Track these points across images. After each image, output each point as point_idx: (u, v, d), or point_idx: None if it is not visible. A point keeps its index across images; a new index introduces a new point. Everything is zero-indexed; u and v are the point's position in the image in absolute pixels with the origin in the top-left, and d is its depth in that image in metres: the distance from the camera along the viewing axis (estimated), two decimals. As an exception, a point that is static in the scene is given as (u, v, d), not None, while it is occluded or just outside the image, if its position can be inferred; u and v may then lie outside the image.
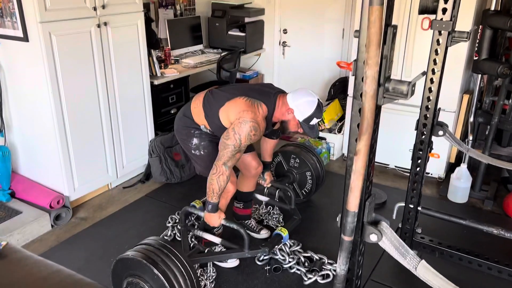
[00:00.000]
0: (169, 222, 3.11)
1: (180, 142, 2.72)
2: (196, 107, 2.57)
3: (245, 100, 2.40)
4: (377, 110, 1.38)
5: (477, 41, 3.39)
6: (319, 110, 2.41)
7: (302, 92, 2.45)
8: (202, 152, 2.59)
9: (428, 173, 3.80)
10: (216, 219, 2.48)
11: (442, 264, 2.55)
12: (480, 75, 3.47)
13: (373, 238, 1.46)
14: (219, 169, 2.35)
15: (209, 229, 2.68)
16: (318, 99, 2.43)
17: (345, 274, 1.49)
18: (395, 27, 1.29)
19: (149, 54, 3.68)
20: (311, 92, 2.46)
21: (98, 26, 3.09)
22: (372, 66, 1.18)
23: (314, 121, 2.43)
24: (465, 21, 3.18)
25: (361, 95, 1.27)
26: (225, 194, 2.62)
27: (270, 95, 2.47)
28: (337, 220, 1.52)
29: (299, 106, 2.40)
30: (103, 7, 3.10)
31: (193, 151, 2.62)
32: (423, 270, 1.46)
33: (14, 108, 3.18)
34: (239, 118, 2.33)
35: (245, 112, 2.34)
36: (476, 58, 3.32)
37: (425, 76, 2.26)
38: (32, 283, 1.04)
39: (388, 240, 1.45)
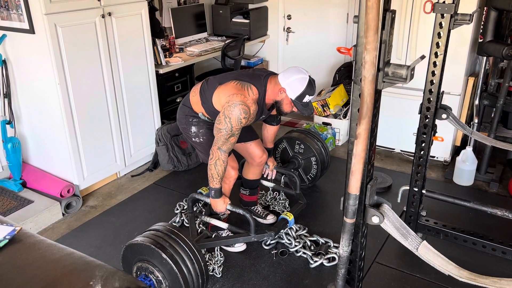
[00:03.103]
0: (177, 209, 3.17)
1: (182, 131, 2.76)
2: (194, 95, 2.62)
3: (235, 83, 2.43)
4: (377, 94, 1.40)
5: (482, 23, 3.37)
6: (310, 86, 2.40)
7: (293, 70, 2.44)
8: (201, 139, 2.64)
9: (434, 157, 3.81)
10: (221, 204, 2.53)
11: (447, 246, 2.60)
12: (485, 57, 3.45)
13: (375, 220, 1.49)
14: (215, 154, 2.39)
15: (214, 214, 2.74)
16: (310, 76, 2.42)
17: (348, 256, 1.53)
18: (394, 12, 1.31)
19: (154, 43, 3.70)
20: (302, 69, 2.45)
21: (103, 16, 3.12)
22: (370, 51, 1.19)
23: (307, 98, 2.42)
24: (470, 3, 3.16)
25: (360, 80, 1.29)
26: (227, 179, 2.67)
27: (261, 77, 2.48)
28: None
29: (290, 85, 2.39)
30: (107, -3, 3.12)
31: (193, 139, 2.67)
32: (425, 251, 1.49)
33: (23, 100, 3.23)
34: (228, 102, 2.35)
35: (234, 96, 2.36)
36: (481, 40, 3.30)
37: (427, 59, 2.26)
38: (45, 264, 1.09)
39: (390, 222, 1.48)
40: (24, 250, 1.13)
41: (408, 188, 2.64)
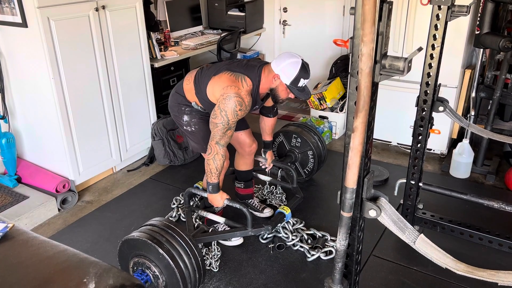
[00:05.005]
0: (174, 204, 3.16)
1: (173, 118, 2.74)
2: (188, 83, 2.59)
3: (229, 75, 2.40)
4: (374, 87, 1.38)
5: (479, 14, 3.35)
6: (304, 70, 2.36)
7: (285, 55, 2.41)
8: (193, 129, 2.62)
9: (430, 149, 3.81)
10: (218, 199, 2.51)
11: (444, 239, 2.60)
12: (482, 50, 3.44)
13: (372, 213, 1.48)
14: (213, 148, 2.36)
15: (209, 206, 2.73)
16: (302, 59, 2.38)
17: (345, 250, 1.52)
18: (391, 3, 1.29)
19: (149, 37, 3.67)
20: (294, 53, 2.41)
21: (96, 9, 3.08)
22: (367, 43, 1.18)
23: (302, 82, 2.38)
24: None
25: (357, 72, 1.28)
26: None
27: (255, 67, 2.45)
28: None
29: (283, 70, 2.36)
30: (101, -10, 3.08)
31: (185, 127, 2.66)
32: (422, 244, 1.48)
33: (17, 95, 3.20)
34: (223, 95, 2.33)
35: (228, 88, 2.33)
36: (478, 32, 3.28)
37: (424, 51, 2.25)
38: (38, 262, 1.08)
39: (387, 216, 1.47)
40: (16, 248, 1.12)
41: (405, 181, 2.64)
